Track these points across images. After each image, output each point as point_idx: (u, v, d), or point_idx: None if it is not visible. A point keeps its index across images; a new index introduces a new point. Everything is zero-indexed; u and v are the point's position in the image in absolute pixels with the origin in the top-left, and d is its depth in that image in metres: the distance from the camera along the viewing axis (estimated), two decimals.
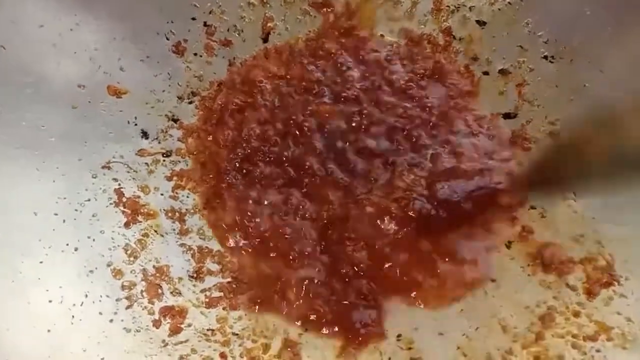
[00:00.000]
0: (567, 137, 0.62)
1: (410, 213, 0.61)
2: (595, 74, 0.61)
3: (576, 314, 0.54)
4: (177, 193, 0.64)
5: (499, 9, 0.67)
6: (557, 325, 0.54)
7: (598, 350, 0.51)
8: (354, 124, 0.67)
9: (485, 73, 0.69)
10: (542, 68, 0.65)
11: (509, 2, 0.66)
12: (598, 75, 0.61)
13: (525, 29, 0.66)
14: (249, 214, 0.63)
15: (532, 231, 0.60)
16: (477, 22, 0.68)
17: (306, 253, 0.61)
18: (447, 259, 0.60)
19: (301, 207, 0.63)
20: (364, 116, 0.67)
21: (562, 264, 0.57)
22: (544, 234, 0.60)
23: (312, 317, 0.59)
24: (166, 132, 0.66)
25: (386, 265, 0.60)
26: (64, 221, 0.56)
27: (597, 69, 0.61)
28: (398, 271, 0.60)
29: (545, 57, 0.65)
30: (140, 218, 0.61)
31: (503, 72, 0.67)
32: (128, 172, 0.62)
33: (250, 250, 0.62)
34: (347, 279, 0.60)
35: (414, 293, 0.59)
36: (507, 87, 0.67)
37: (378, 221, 0.61)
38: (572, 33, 0.62)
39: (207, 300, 0.59)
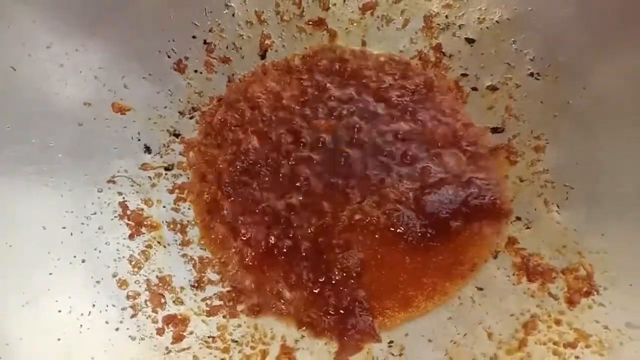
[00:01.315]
0: None
1: (400, 229, 0.64)
2: (578, 91, 0.63)
3: (557, 322, 0.57)
4: (178, 205, 0.67)
5: (487, 27, 0.70)
6: (539, 333, 0.57)
7: (577, 357, 0.54)
8: (347, 138, 0.69)
9: (474, 89, 0.71)
10: (528, 85, 0.67)
11: (496, 21, 0.69)
12: (581, 92, 0.63)
13: (512, 46, 0.68)
14: (245, 224, 0.66)
15: (517, 242, 0.63)
16: (467, 39, 0.71)
17: (303, 265, 0.64)
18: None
19: (297, 216, 0.66)
20: (357, 130, 0.70)
21: (544, 273, 0.60)
22: (528, 244, 0.63)
23: (307, 320, 0.62)
24: (168, 146, 0.69)
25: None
26: (71, 234, 0.59)
27: (580, 86, 0.63)
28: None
29: (532, 74, 0.67)
30: (143, 230, 0.64)
31: (491, 88, 0.70)
32: (132, 185, 0.65)
33: (246, 260, 0.65)
34: (340, 287, 0.62)
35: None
36: (495, 103, 0.70)
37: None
38: (557, 51, 0.65)
39: (208, 308, 0.62)
